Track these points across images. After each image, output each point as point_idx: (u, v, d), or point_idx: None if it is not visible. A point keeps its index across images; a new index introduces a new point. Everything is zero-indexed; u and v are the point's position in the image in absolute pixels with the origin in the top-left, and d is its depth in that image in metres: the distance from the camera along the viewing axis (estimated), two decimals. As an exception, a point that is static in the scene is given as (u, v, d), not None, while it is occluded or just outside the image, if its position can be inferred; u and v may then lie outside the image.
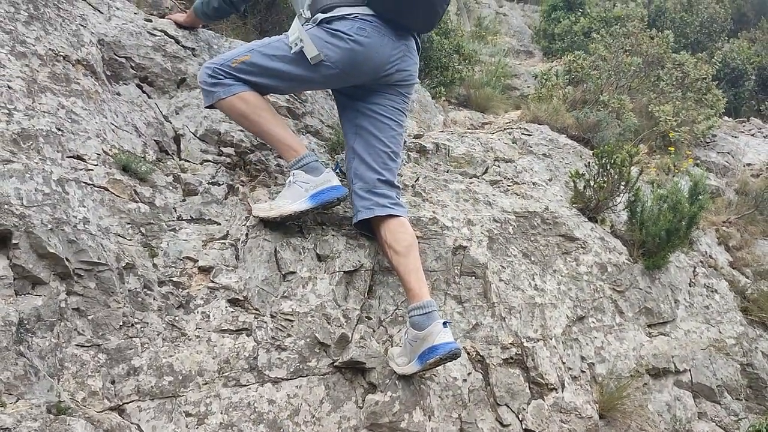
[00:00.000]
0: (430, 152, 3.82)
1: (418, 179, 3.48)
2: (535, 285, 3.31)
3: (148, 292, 2.38)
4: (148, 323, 2.32)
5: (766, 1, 12.68)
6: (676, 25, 9.75)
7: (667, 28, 8.83)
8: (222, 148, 3.04)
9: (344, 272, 2.77)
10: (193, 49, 3.26)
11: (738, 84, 9.13)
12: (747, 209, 5.57)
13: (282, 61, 2.72)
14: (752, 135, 7.55)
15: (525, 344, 3.07)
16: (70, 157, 2.39)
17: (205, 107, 2.85)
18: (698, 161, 6.19)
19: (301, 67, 2.70)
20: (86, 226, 2.25)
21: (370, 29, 2.69)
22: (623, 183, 3.95)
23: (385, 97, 2.86)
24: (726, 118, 7.79)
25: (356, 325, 2.70)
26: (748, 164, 6.72)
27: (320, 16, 2.71)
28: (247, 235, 2.73)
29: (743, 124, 7.96)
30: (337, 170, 2.89)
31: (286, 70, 2.73)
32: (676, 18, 9.99)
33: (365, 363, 2.59)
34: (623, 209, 4.12)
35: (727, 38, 10.56)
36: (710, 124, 6.37)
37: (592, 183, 3.93)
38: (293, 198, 2.71)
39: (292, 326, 2.57)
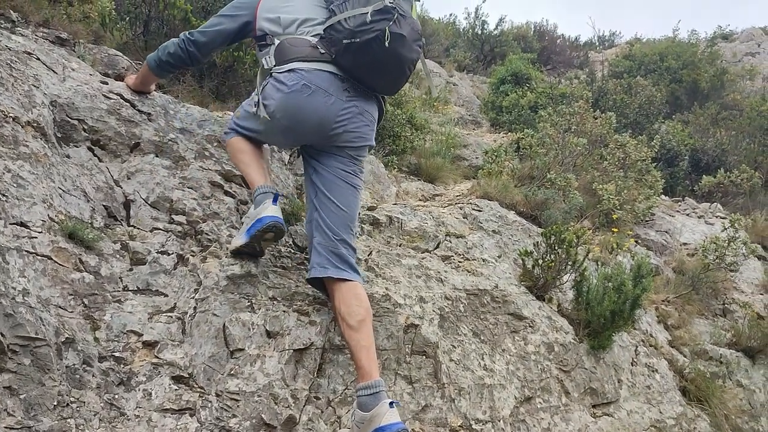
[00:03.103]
0: (384, 225, 3.83)
1: (371, 253, 3.46)
2: (485, 365, 3.30)
3: (87, 368, 2.26)
4: (84, 402, 2.19)
5: (698, 86, 13.45)
6: (617, 105, 10.21)
7: (609, 108, 9.25)
8: (173, 216, 2.97)
9: (294, 350, 2.70)
10: (149, 113, 3.22)
11: (673, 164, 9.55)
12: (684, 289, 5.75)
13: (248, 117, 2.95)
14: (687, 215, 7.87)
15: (474, 426, 3.03)
16: (14, 224, 2.29)
17: None
18: (638, 239, 6.40)
19: (259, 121, 2.88)
20: (25, 298, 2.14)
21: (315, 87, 2.75)
22: (570, 263, 4.03)
23: (335, 159, 2.87)
24: (663, 197, 8.11)
25: (304, 406, 2.62)
26: (685, 243, 6.98)
27: (275, 68, 2.83)
28: (195, 308, 2.65)
29: (679, 203, 8.30)
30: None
31: (252, 126, 2.96)
32: (617, 99, 10.48)
33: (312, 446, 2.51)
34: (570, 288, 4.19)
35: (663, 120, 11.11)
36: (650, 204, 6.62)
37: (540, 262, 3.99)
38: (240, 232, 2.86)
39: (237, 406, 2.47)
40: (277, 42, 2.88)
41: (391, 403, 2.47)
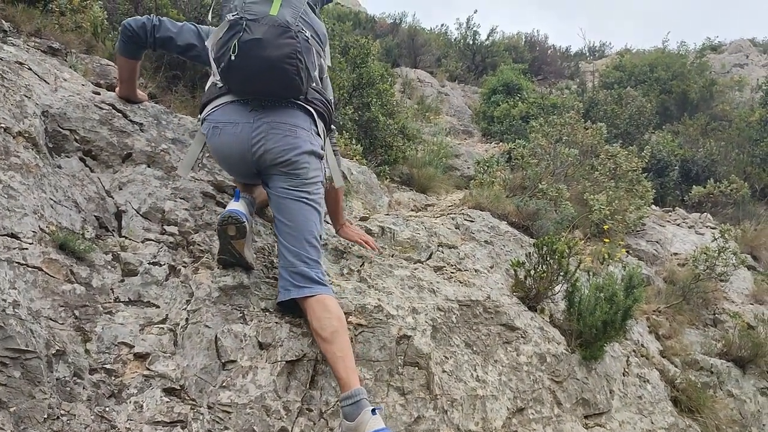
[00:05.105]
0: (376, 236, 3.83)
1: (363, 264, 3.46)
2: (477, 376, 3.29)
3: (78, 380, 2.25)
4: (75, 415, 2.17)
5: (687, 97, 13.57)
6: (608, 116, 10.28)
7: (599, 119, 9.31)
8: (165, 227, 2.96)
9: (286, 362, 2.69)
10: (141, 124, 3.21)
11: (663, 174, 9.62)
12: (675, 299, 5.77)
13: None
14: (678, 225, 7.92)
15: (466, 438, 3.02)
16: (4, 235, 2.27)
17: None
18: (629, 249, 6.43)
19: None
20: (16, 310, 2.12)
21: (222, 123, 2.81)
22: (562, 273, 4.04)
23: (278, 179, 2.85)
24: (654, 207, 8.16)
25: (296, 418, 2.60)
26: (675, 253, 7.02)
27: (200, 116, 2.95)
28: (187, 320, 2.64)
29: (669, 213, 8.35)
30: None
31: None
32: (608, 110, 10.55)
33: (304, 459, 2.49)
34: (562, 299, 4.20)
35: (653, 130, 11.19)
36: (641, 214, 6.65)
37: (532, 272, 4.00)
38: None
39: (229, 418, 2.45)
40: None
41: (373, 410, 2.46)
